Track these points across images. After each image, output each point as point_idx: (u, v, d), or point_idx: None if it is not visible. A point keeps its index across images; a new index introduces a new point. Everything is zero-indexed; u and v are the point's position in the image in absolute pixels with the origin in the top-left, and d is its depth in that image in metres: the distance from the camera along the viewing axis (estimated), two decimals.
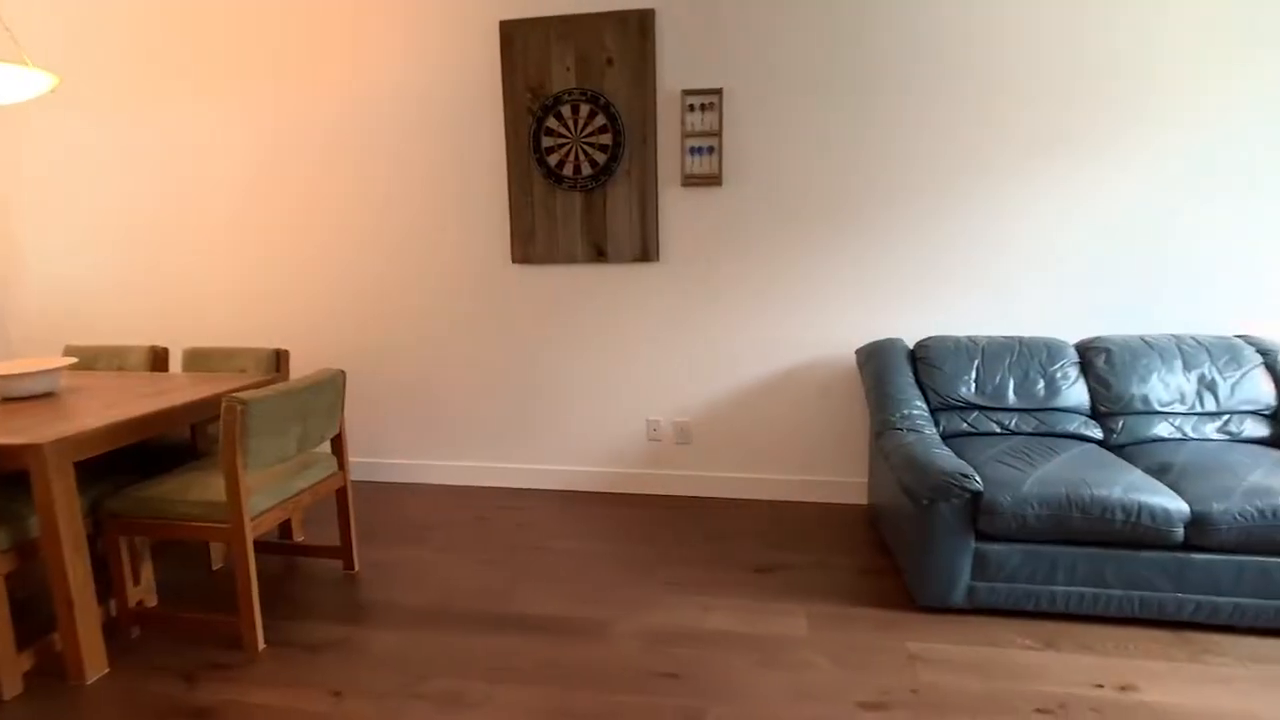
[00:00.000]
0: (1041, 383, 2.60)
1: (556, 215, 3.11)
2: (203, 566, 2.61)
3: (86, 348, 2.91)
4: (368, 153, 3.23)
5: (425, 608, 2.30)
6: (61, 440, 1.81)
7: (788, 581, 2.43)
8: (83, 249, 3.56)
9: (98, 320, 3.64)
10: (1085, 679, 1.86)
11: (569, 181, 3.05)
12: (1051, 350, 2.65)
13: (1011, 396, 2.60)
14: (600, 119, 2.98)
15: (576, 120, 3.00)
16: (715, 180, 2.97)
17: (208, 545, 2.60)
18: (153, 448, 2.63)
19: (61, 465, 1.81)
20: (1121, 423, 2.54)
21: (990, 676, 1.89)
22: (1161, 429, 2.51)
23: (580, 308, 3.21)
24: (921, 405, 2.59)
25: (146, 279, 3.54)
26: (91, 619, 1.92)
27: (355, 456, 3.54)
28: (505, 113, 3.06)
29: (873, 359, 2.79)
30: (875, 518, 2.84)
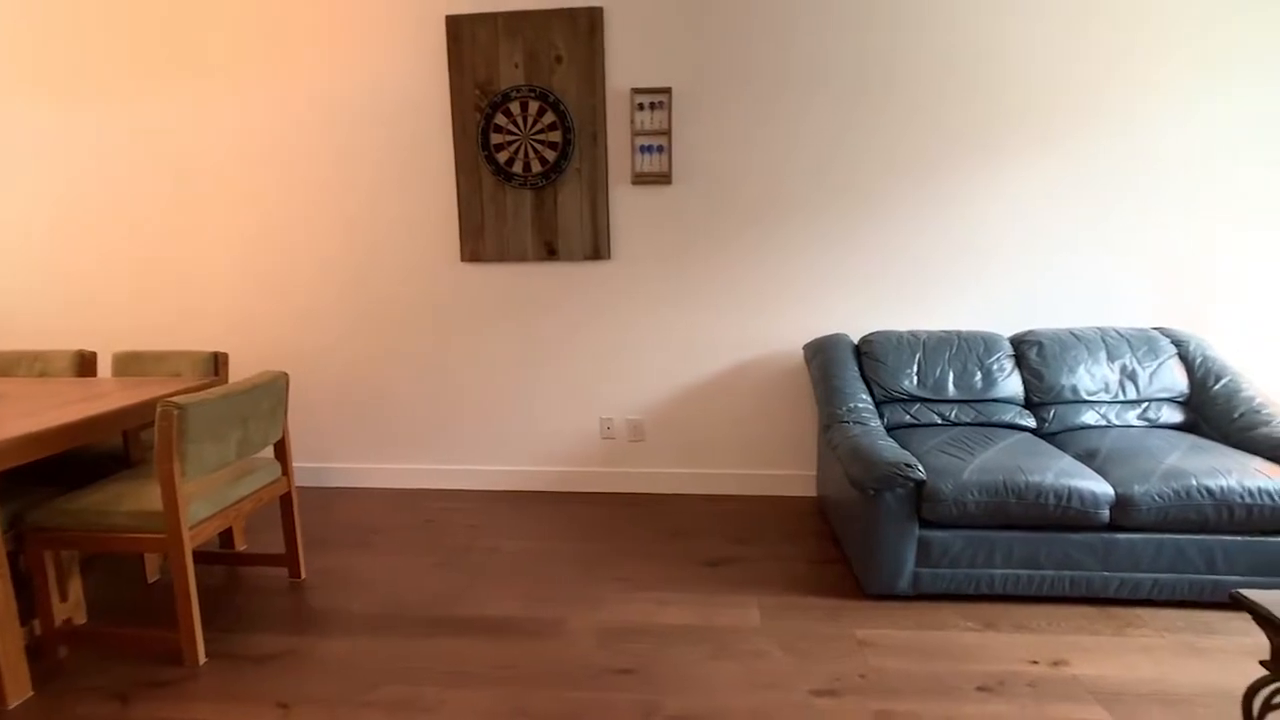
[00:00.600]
0: (979, 375, 2.71)
1: (507, 213, 3.08)
2: (138, 580, 2.49)
3: (5, 353, 2.73)
4: (310, 149, 3.14)
5: (375, 614, 2.25)
6: None
7: (740, 574, 2.47)
8: (1, 248, 3.36)
9: (17, 323, 3.43)
10: (1022, 656, 1.96)
11: (519, 179, 3.03)
12: (988, 344, 2.77)
13: (951, 389, 2.71)
14: (550, 116, 2.97)
15: (526, 117, 2.98)
16: (665, 179, 2.99)
17: (143, 557, 2.49)
18: (82, 457, 2.49)
19: None
20: (1053, 412, 2.68)
21: (934, 658, 1.96)
22: (1088, 417, 2.65)
23: (531, 306, 3.19)
24: (867, 399, 2.67)
25: (71, 280, 3.35)
26: (13, 640, 1.81)
27: (300, 461, 3.43)
28: (453, 109, 3.01)
29: (819, 354, 2.86)
30: (824, 509, 2.92)
